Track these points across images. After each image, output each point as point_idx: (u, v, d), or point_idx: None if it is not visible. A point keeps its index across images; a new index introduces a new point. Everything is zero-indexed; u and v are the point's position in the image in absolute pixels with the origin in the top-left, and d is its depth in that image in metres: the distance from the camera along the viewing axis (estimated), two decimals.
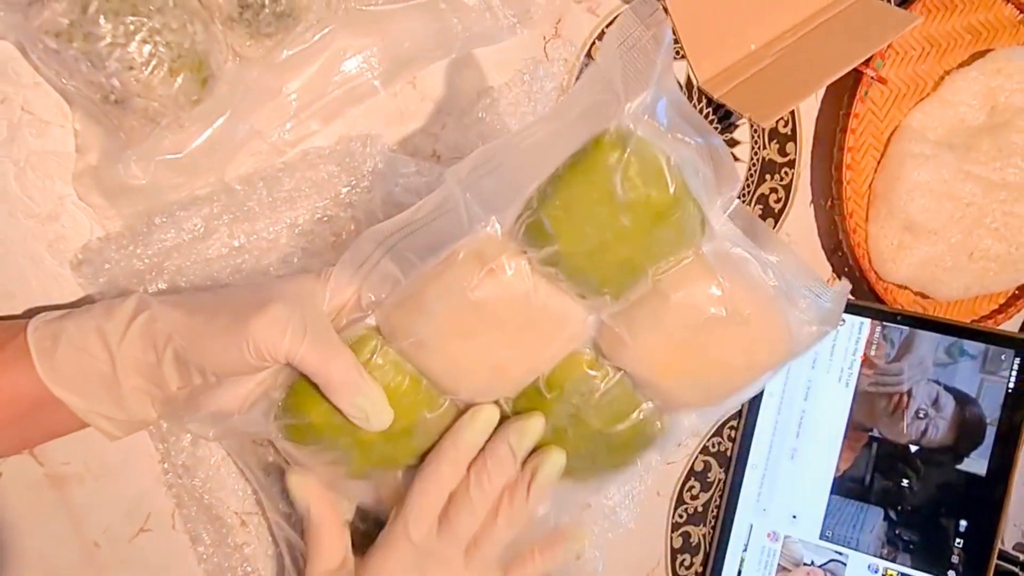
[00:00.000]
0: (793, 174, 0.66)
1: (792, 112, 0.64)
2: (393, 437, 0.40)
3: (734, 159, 0.63)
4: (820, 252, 0.69)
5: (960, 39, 0.67)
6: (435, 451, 0.41)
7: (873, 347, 0.64)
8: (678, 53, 0.58)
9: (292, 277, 0.40)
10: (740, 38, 0.60)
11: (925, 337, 0.63)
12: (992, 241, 0.67)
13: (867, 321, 0.65)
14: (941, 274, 0.67)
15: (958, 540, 0.61)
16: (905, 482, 0.63)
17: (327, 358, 0.37)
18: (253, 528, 0.50)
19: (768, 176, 0.64)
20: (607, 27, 0.55)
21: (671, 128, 0.35)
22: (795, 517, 0.65)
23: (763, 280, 0.39)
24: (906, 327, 0.64)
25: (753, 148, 0.63)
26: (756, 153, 0.63)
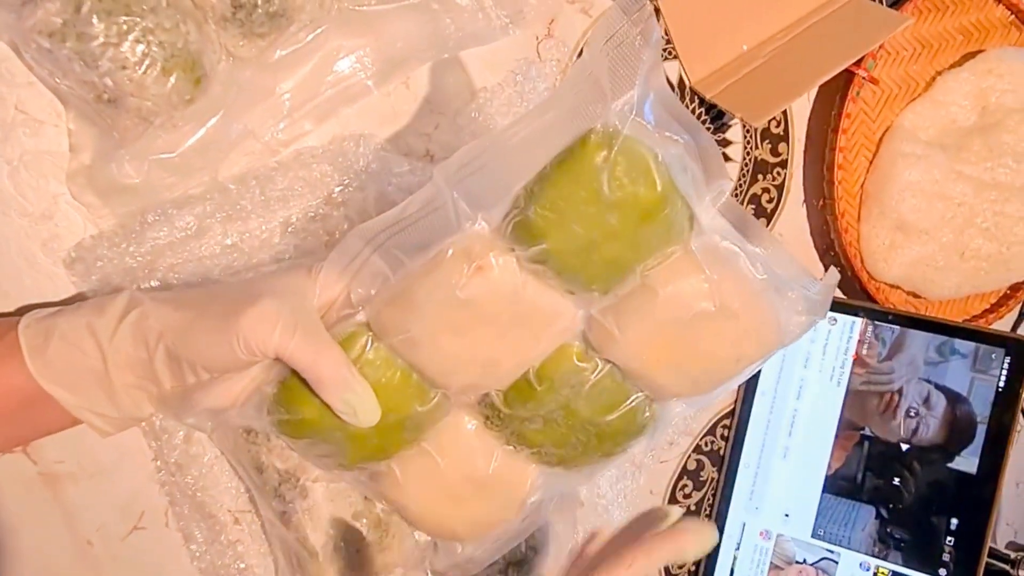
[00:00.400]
0: (785, 174, 0.66)
1: (784, 112, 0.65)
2: (385, 430, 0.40)
3: (726, 159, 0.63)
4: (812, 252, 0.69)
5: (951, 40, 0.67)
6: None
7: (865, 346, 0.65)
8: (670, 53, 0.58)
9: (282, 272, 0.40)
10: (732, 39, 0.60)
11: (916, 336, 0.64)
12: (983, 241, 0.67)
13: (859, 320, 0.65)
14: (932, 274, 0.67)
15: (949, 538, 0.61)
16: (897, 481, 0.63)
17: (316, 353, 0.37)
18: (246, 526, 0.50)
19: (760, 176, 0.65)
20: None
21: (658, 125, 0.35)
22: (787, 515, 0.65)
23: (751, 273, 0.39)
24: (897, 326, 0.64)
25: (745, 148, 0.64)
26: (748, 153, 0.64)
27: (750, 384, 0.67)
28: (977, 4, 0.67)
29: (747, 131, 0.63)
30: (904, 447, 0.63)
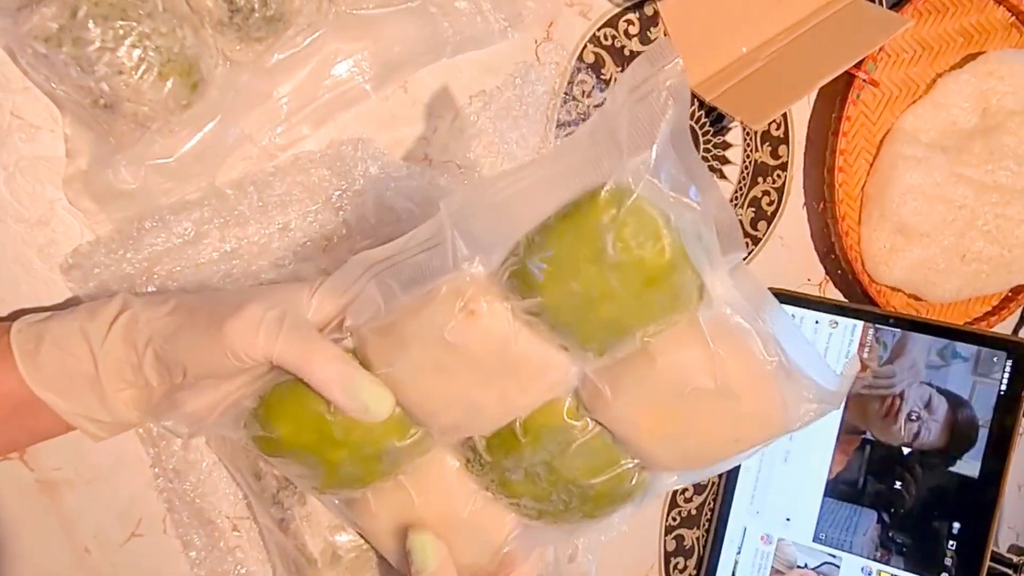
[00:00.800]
0: (786, 177, 0.66)
1: (784, 115, 0.65)
2: (360, 460, 0.39)
3: (726, 162, 0.63)
4: (813, 255, 0.69)
5: (952, 42, 0.67)
6: None
7: (866, 349, 0.64)
8: None
9: (282, 285, 0.40)
10: (732, 41, 0.60)
11: (918, 339, 0.63)
12: (984, 243, 0.67)
13: (860, 324, 0.65)
14: (934, 276, 0.67)
15: (951, 542, 0.61)
16: (898, 484, 0.63)
17: (307, 353, 0.36)
18: (244, 532, 0.50)
19: (761, 179, 0.64)
20: (599, 30, 0.55)
21: (675, 188, 0.33)
22: (788, 520, 0.65)
23: (761, 354, 0.36)
24: (899, 329, 0.64)
25: (745, 151, 0.63)
26: (748, 156, 0.64)
27: None
28: (977, 6, 0.66)
29: (747, 134, 0.63)
30: (906, 451, 0.63)
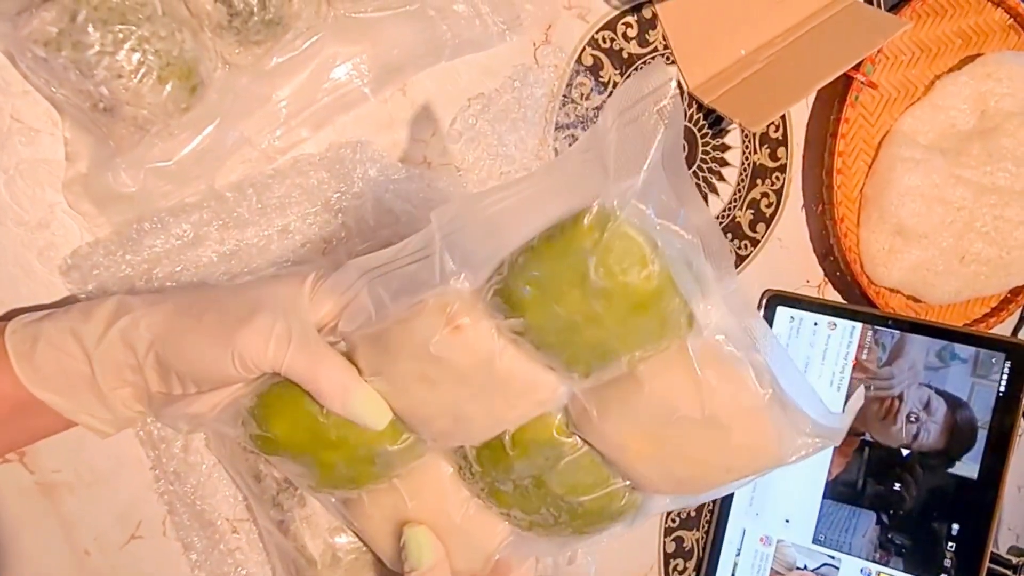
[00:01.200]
0: (784, 179, 0.66)
1: (783, 117, 0.65)
2: (354, 462, 0.40)
3: (724, 164, 0.63)
4: (812, 256, 0.69)
5: (950, 44, 0.67)
6: None
7: (865, 351, 0.64)
8: (668, 59, 0.58)
9: (276, 280, 0.40)
10: (730, 43, 0.60)
11: (916, 341, 0.63)
12: (983, 245, 0.67)
13: (859, 325, 0.65)
14: (932, 278, 0.67)
15: (950, 544, 0.61)
16: (897, 486, 0.63)
17: (313, 364, 0.37)
18: (244, 534, 0.50)
19: (759, 181, 0.65)
20: (597, 33, 0.55)
21: (664, 214, 0.32)
22: (788, 521, 0.65)
23: (754, 386, 0.35)
24: (897, 331, 0.64)
25: (744, 153, 0.63)
26: (747, 158, 0.64)
27: None
28: (976, 8, 0.67)
29: (745, 136, 0.63)
30: (905, 452, 0.63)
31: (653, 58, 0.58)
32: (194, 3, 0.41)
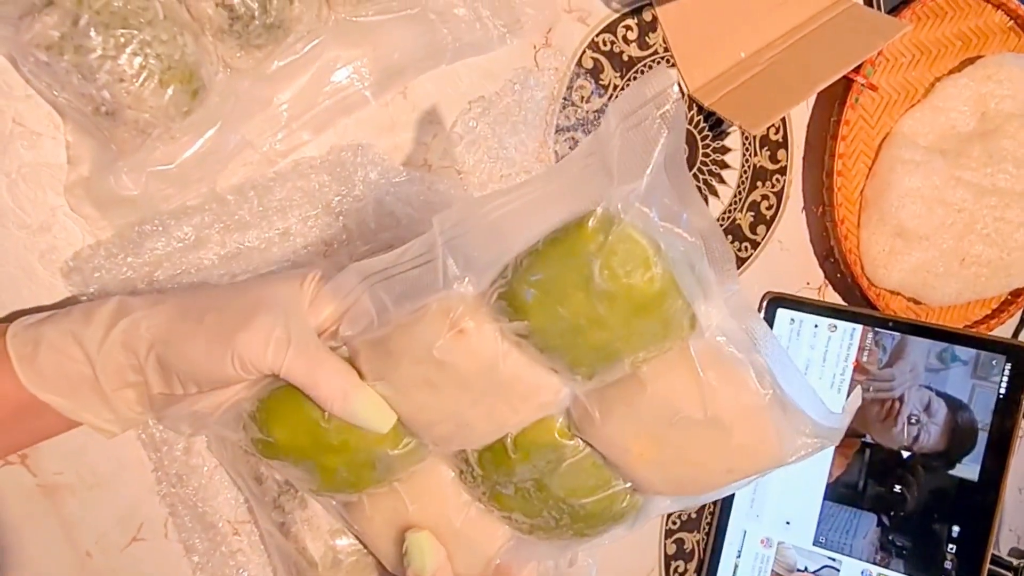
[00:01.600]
0: (784, 181, 0.66)
1: (783, 119, 0.65)
2: (354, 466, 0.40)
3: (724, 166, 0.63)
4: (812, 259, 0.69)
5: (950, 46, 0.67)
6: None
7: (865, 353, 0.65)
8: (668, 61, 0.58)
9: (275, 280, 0.40)
10: (730, 46, 0.60)
11: (917, 343, 0.63)
12: (983, 247, 0.67)
13: (859, 327, 0.65)
14: (933, 280, 0.67)
15: (951, 545, 0.61)
16: (898, 488, 0.63)
17: (312, 368, 0.37)
18: (246, 536, 0.50)
19: (759, 183, 0.65)
20: (597, 36, 0.56)
21: (667, 218, 0.32)
22: (789, 523, 0.65)
23: (755, 386, 0.35)
24: (898, 333, 0.64)
25: (744, 155, 0.64)
26: (747, 160, 0.64)
27: None
28: (976, 10, 0.67)
29: (746, 138, 0.63)
30: (905, 454, 0.63)
31: (654, 61, 0.58)
32: (195, 7, 0.41)
